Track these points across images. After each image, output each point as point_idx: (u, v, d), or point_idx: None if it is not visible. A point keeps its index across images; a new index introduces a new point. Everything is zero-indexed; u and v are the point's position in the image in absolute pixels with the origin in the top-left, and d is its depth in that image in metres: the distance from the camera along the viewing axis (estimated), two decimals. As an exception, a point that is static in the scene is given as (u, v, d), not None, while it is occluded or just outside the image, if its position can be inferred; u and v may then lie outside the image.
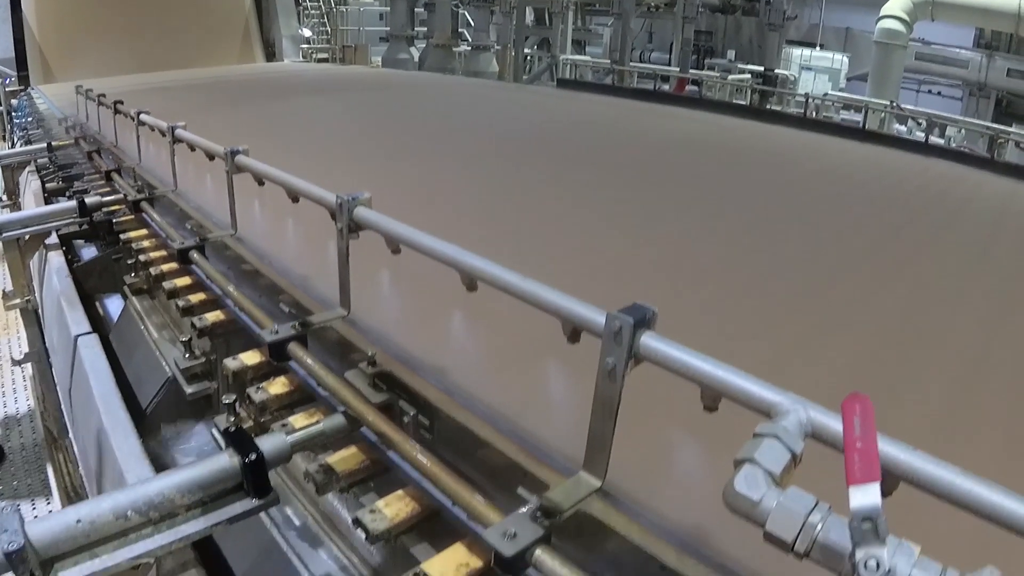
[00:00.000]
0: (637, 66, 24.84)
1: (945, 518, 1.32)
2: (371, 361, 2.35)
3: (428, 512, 2.14)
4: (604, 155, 6.98)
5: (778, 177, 6.61)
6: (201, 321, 3.28)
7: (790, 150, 8.52)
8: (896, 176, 7.32)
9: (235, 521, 2.06)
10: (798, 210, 5.30)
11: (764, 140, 9.11)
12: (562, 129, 8.75)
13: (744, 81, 24.11)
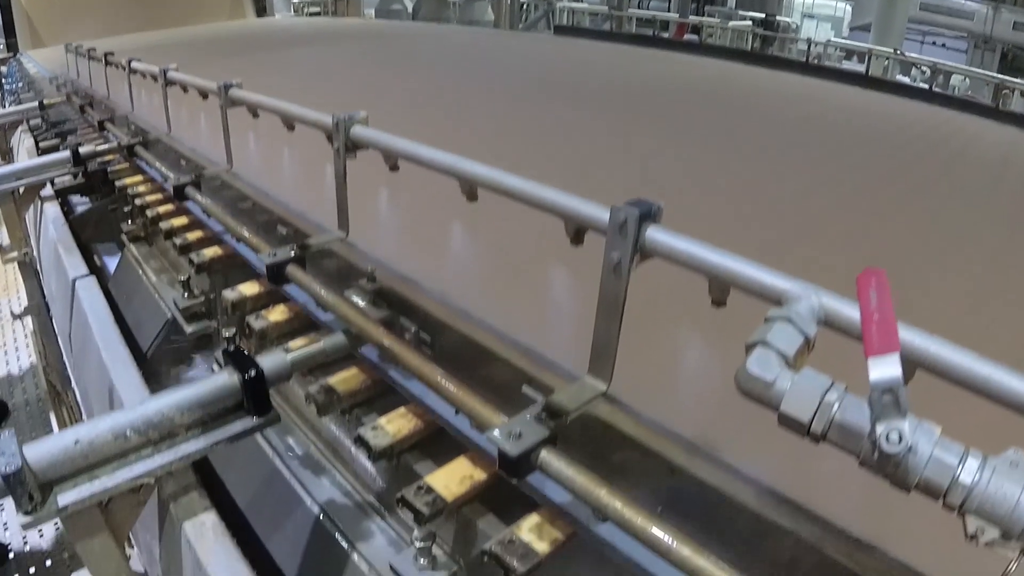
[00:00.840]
0: (636, 12, 24.57)
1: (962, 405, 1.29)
2: (370, 278, 2.33)
3: (431, 428, 2.13)
4: (604, 97, 6.89)
5: (773, 119, 6.52)
6: (199, 257, 3.26)
7: (789, 94, 8.42)
8: (899, 121, 7.23)
9: (236, 440, 2.04)
10: (791, 151, 5.21)
11: (763, 85, 9.01)
12: (561, 74, 8.65)
13: (745, 28, 23.81)
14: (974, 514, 1.09)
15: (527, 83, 7.66)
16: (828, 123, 6.48)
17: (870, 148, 5.47)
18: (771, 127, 6.05)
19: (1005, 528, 1.06)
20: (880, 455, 1.14)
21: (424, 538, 1.96)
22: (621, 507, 1.51)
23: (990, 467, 1.09)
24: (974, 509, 1.09)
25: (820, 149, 5.27)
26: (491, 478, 1.96)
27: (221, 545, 2.06)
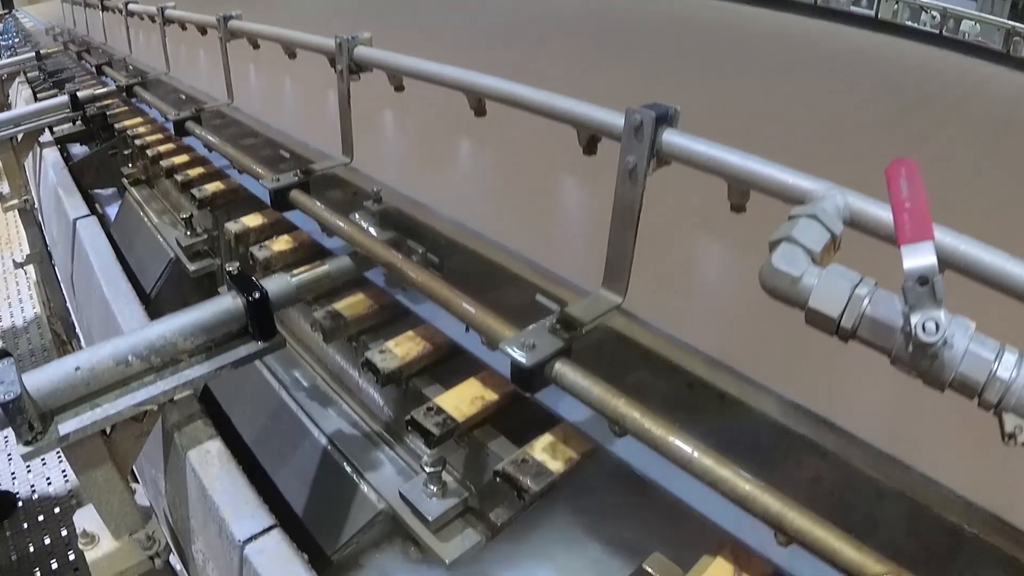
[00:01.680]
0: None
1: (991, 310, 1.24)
2: (376, 199, 2.27)
3: (441, 351, 2.09)
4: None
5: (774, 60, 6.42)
6: (201, 192, 3.20)
7: (793, 35, 8.29)
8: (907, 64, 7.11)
9: (240, 364, 1.99)
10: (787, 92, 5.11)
11: (768, 25, 8.88)
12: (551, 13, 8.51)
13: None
14: (1012, 412, 1.06)
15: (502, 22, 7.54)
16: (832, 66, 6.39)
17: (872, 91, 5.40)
18: (783, 70, 5.95)
19: None
20: (915, 348, 1.09)
21: (434, 463, 1.93)
22: (639, 417, 1.47)
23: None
24: (1012, 406, 1.05)
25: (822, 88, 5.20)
26: (503, 399, 1.92)
27: (226, 471, 2.02)
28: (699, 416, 1.59)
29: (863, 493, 1.49)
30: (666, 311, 1.76)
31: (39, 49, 7.39)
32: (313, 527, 2.27)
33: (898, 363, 1.15)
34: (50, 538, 5.16)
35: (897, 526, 1.46)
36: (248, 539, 1.84)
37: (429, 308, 2.09)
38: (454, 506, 1.98)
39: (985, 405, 1.09)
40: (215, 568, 2.05)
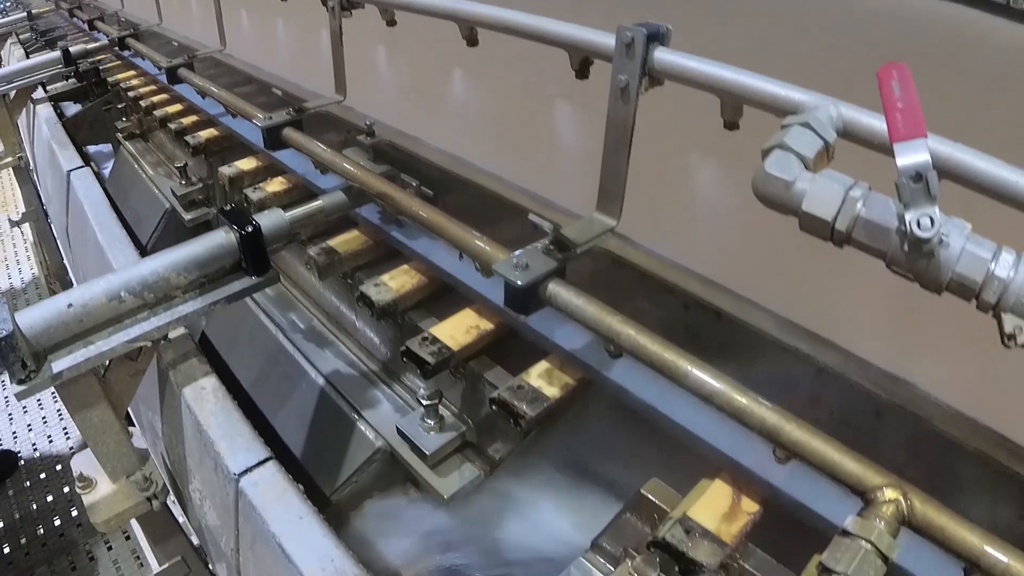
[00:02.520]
0: None
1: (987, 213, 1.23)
2: (369, 132, 2.25)
3: (436, 284, 2.08)
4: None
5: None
6: (195, 139, 3.19)
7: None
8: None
9: (234, 299, 1.99)
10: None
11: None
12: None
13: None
14: (1011, 312, 1.05)
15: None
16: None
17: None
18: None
19: None
20: (911, 247, 1.08)
21: (430, 396, 1.93)
22: (634, 334, 1.46)
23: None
24: (1010, 306, 1.04)
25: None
26: (498, 328, 1.91)
27: (221, 406, 2.02)
28: (696, 337, 1.59)
29: (862, 410, 1.49)
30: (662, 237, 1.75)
31: (30, 9, 7.33)
32: (312, 468, 2.28)
33: (894, 265, 1.14)
34: (52, 495, 5.20)
35: (897, 442, 1.46)
36: (243, 472, 1.84)
37: (424, 243, 2.08)
38: (451, 440, 1.99)
39: (983, 306, 1.08)
40: (212, 506, 2.06)
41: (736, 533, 1.44)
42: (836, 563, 1.10)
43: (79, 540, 4.92)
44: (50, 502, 5.15)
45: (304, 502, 1.74)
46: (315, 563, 1.61)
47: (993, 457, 1.36)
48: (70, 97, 5.21)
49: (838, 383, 1.49)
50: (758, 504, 1.48)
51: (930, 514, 1.20)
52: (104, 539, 4.90)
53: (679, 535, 1.41)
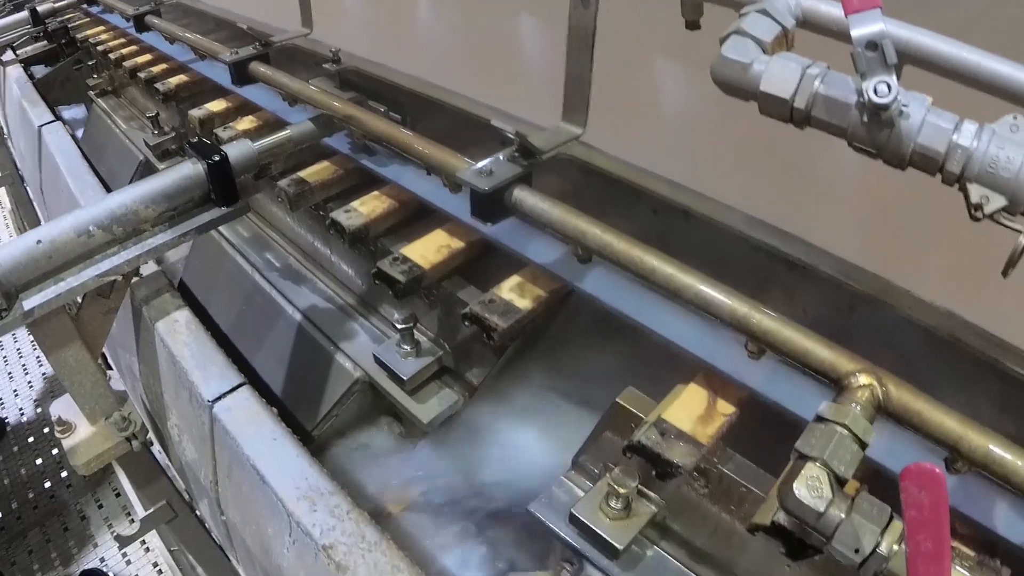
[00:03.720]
0: None
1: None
2: (335, 59, 2.23)
3: (407, 208, 2.08)
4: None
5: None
6: (165, 86, 3.16)
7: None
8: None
9: (204, 231, 1.97)
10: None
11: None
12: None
13: None
14: (976, 182, 1.04)
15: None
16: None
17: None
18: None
19: (1011, 195, 1.01)
20: (870, 118, 1.08)
21: (404, 320, 1.93)
22: (600, 233, 1.46)
23: (989, 131, 1.04)
24: (975, 176, 1.04)
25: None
26: (470, 247, 1.91)
27: (194, 337, 2.02)
28: (667, 240, 1.57)
29: (836, 305, 1.49)
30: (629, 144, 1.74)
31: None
32: (293, 405, 2.28)
33: (856, 142, 1.14)
34: (42, 459, 5.22)
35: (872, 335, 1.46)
36: (216, 398, 1.85)
37: (395, 169, 2.07)
38: (428, 365, 1.99)
39: (948, 178, 1.07)
40: (189, 439, 2.06)
41: (712, 434, 1.44)
42: (811, 448, 1.10)
43: (69, 501, 4.95)
44: (39, 465, 5.17)
45: (277, 424, 1.74)
46: (289, 482, 1.62)
47: (970, 345, 1.36)
48: (41, 60, 5.14)
49: (810, 278, 1.49)
50: (734, 406, 1.48)
51: (906, 399, 1.20)
52: (95, 497, 4.93)
53: (654, 437, 1.41)
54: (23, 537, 4.76)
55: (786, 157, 1.31)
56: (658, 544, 1.58)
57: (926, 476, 0.89)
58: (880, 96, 1.04)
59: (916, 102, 1.07)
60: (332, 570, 1.48)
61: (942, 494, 0.89)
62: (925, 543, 0.92)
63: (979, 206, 1.05)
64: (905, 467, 0.88)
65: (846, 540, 1.05)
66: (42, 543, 4.75)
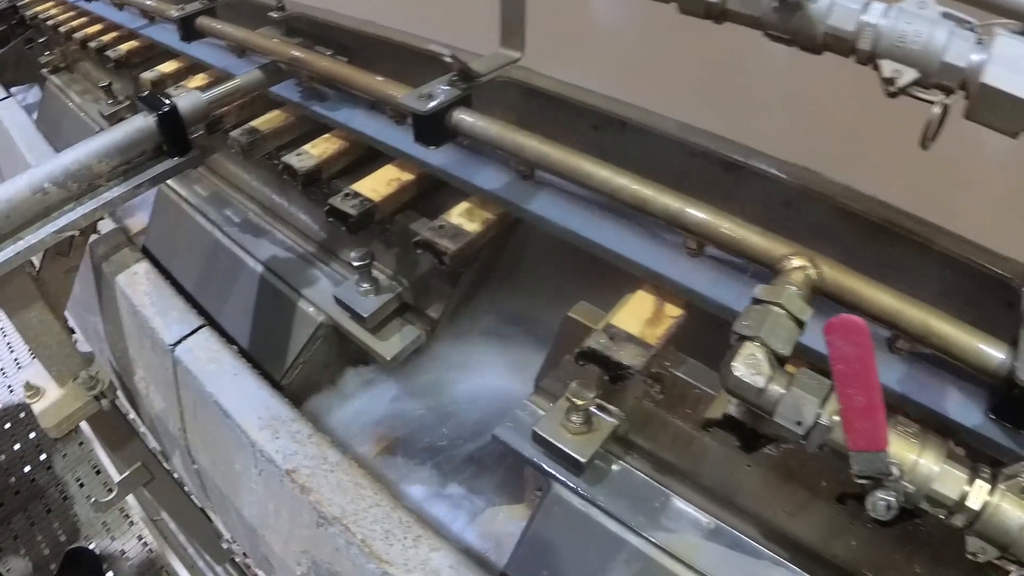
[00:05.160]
0: None
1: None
2: (279, 7, 2.28)
3: (359, 148, 2.13)
4: None
5: None
6: (116, 52, 3.18)
7: None
8: None
9: (158, 182, 2.02)
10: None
11: None
12: None
13: None
14: (887, 57, 1.09)
15: None
16: None
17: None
18: None
19: (921, 66, 1.05)
20: (780, 2, 1.13)
21: (361, 258, 1.98)
22: (538, 145, 1.52)
23: (896, 9, 1.08)
24: (885, 51, 1.08)
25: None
26: (420, 178, 1.96)
27: (154, 286, 2.08)
28: (608, 153, 1.63)
29: (772, 201, 1.55)
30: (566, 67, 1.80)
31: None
32: (261, 357, 2.34)
33: (771, 30, 1.19)
34: (20, 443, 5.25)
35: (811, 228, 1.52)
36: (177, 342, 1.91)
37: (345, 112, 2.12)
38: (388, 301, 2.05)
39: (861, 58, 1.12)
40: (156, 389, 2.12)
41: (660, 335, 1.50)
42: (747, 328, 1.16)
43: (50, 482, 4.99)
44: (17, 450, 5.21)
45: (237, 359, 1.81)
46: (251, 413, 1.68)
47: (905, 228, 1.44)
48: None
49: (746, 176, 1.55)
50: (681, 308, 1.55)
51: (840, 278, 1.28)
52: (76, 477, 4.98)
53: (603, 341, 1.48)
54: (7, 523, 4.81)
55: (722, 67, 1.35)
56: (623, 459, 1.64)
57: (849, 327, 0.95)
58: None
59: None
60: (297, 493, 1.55)
61: (866, 343, 0.94)
62: (856, 396, 0.98)
63: (892, 80, 1.09)
64: (828, 321, 0.94)
65: (787, 414, 1.10)
66: (27, 527, 4.80)
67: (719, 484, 1.52)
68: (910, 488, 1.06)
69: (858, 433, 1.00)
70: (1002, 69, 0.97)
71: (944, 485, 1.05)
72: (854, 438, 1.01)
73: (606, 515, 1.54)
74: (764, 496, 1.46)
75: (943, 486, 1.05)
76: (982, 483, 1.05)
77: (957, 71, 1.02)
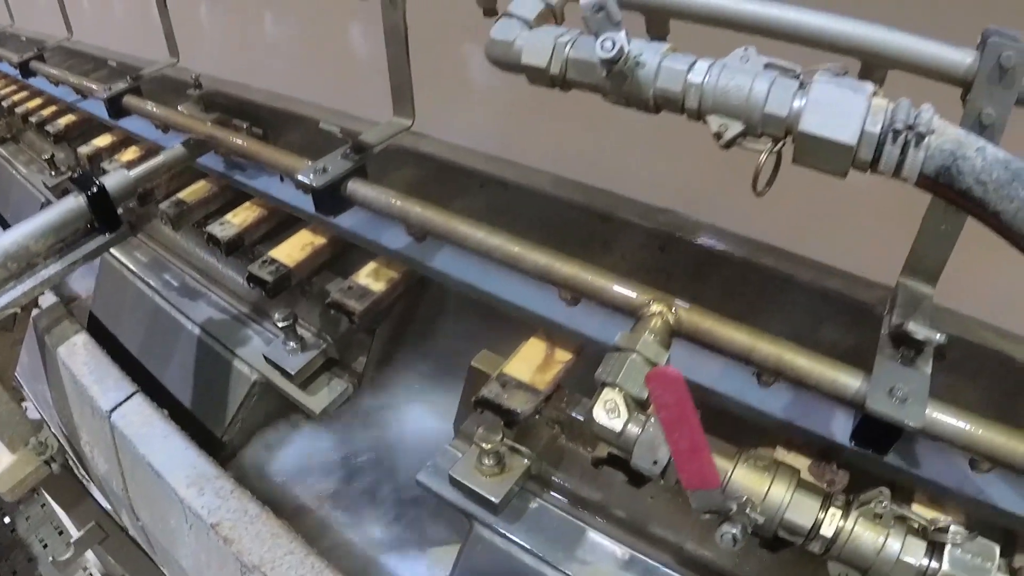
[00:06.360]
0: None
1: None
2: (196, 84, 2.45)
3: (276, 214, 2.30)
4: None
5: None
6: (55, 127, 3.35)
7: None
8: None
9: (92, 257, 2.17)
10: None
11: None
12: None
13: None
14: (712, 113, 1.16)
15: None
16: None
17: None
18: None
19: (745, 118, 1.13)
20: (609, 73, 1.21)
21: (285, 319, 2.13)
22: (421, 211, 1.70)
23: (720, 65, 1.16)
24: (711, 107, 1.16)
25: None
26: (331, 241, 2.13)
27: (92, 356, 2.24)
28: (494, 209, 1.81)
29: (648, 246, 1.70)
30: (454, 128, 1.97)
31: None
32: (202, 415, 2.50)
33: (608, 95, 1.28)
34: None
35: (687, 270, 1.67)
36: (113, 408, 2.06)
37: (264, 180, 2.27)
38: (314, 358, 2.19)
39: (691, 114, 1.20)
40: (99, 451, 2.28)
41: (550, 380, 1.67)
42: (607, 375, 1.30)
43: (14, 545, 5.09)
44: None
45: (167, 423, 1.97)
46: (180, 472, 1.84)
47: (767, 265, 1.58)
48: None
49: (620, 225, 1.70)
50: (571, 353, 1.71)
51: (695, 320, 1.41)
52: (39, 538, 5.08)
53: (496, 390, 1.64)
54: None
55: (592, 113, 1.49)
56: (540, 496, 1.77)
57: (666, 378, 1.10)
58: (606, 51, 1.17)
59: (651, 51, 1.20)
60: (221, 544, 1.70)
61: (682, 392, 1.09)
62: (681, 440, 1.13)
63: (719, 135, 1.16)
64: (647, 373, 1.09)
65: (644, 453, 1.23)
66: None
67: (630, 515, 1.66)
68: (759, 519, 1.18)
69: (690, 473, 1.13)
70: (818, 115, 1.03)
71: (797, 514, 1.18)
72: (687, 478, 1.14)
73: (525, 552, 1.66)
74: (673, 524, 1.59)
75: (796, 515, 1.18)
76: (835, 510, 1.18)
77: (779, 120, 1.07)
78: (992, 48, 1.15)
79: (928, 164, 0.98)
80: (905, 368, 1.22)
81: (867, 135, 0.99)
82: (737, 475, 1.24)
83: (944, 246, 1.32)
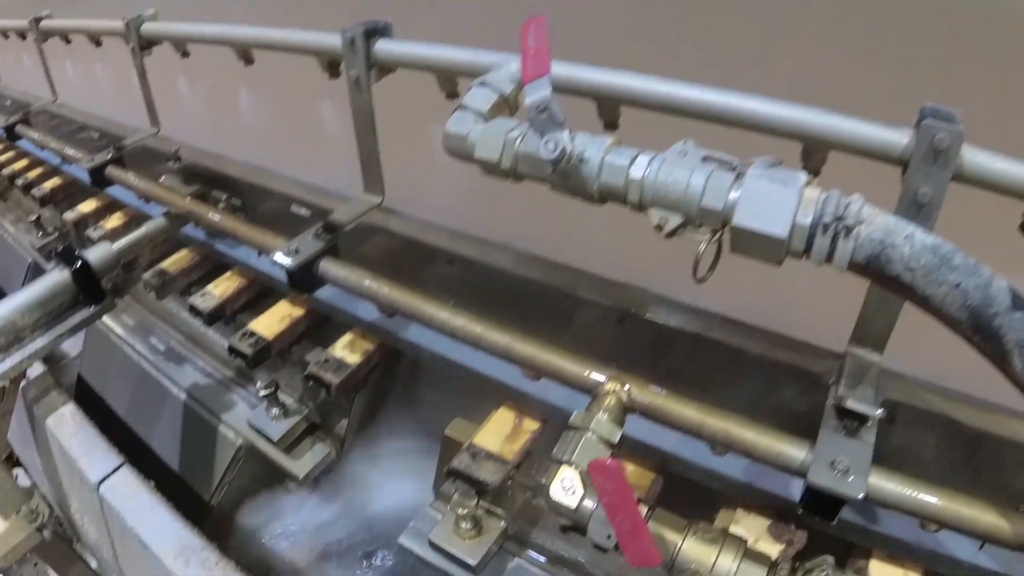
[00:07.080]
0: None
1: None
2: (175, 157, 2.56)
3: (256, 285, 2.40)
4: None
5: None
6: (40, 191, 3.46)
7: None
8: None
9: (78, 330, 2.27)
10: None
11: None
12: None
13: None
14: (652, 206, 1.23)
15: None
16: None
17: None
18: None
19: (684, 211, 1.19)
20: (555, 170, 1.29)
21: (266, 386, 2.22)
22: (389, 291, 1.80)
23: (659, 160, 1.21)
24: (651, 201, 1.22)
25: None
26: (309, 313, 2.24)
27: (79, 427, 2.34)
28: (464, 286, 1.91)
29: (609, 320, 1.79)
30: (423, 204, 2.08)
31: None
32: (190, 479, 2.59)
33: (556, 188, 1.36)
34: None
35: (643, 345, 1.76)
36: (102, 480, 2.17)
37: (244, 251, 2.39)
38: (297, 424, 2.28)
39: (634, 207, 1.27)
40: (90, 520, 2.38)
41: (518, 449, 1.78)
42: (563, 453, 1.38)
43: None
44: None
45: (154, 494, 2.07)
46: (168, 544, 1.94)
47: (717, 340, 1.65)
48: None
49: (579, 301, 1.80)
50: (538, 421, 1.83)
51: (648, 397, 1.49)
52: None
53: (466, 460, 1.75)
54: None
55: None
56: (519, 555, 1.87)
57: (605, 468, 1.19)
58: (550, 152, 1.26)
59: (594, 146, 1.27)
60: (207, 614, 1.80)
61: (621, 480, 1.17)
62: (624, 522, 1.22)
63: (660, 226, 1.23)
64: (589, 463, 1.18)
65: (598, 528, 1.31)
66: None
67: (606, 573, 1.75)
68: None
69: (632, 552, 1.20)
70: (751, 209, 1.08)
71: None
72: (630, 556, 1.21)
73: (505, 612, 1.72)
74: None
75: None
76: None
77: (716, 213, 1.13)
78: (926, 130, 1.21)
79: (858, 253, 1.05)
80: (849, 439, 1.28)
81: (798, 227, 1.06)
82: (686, 547, 1.34)
83: (889, 314, 1.40)
